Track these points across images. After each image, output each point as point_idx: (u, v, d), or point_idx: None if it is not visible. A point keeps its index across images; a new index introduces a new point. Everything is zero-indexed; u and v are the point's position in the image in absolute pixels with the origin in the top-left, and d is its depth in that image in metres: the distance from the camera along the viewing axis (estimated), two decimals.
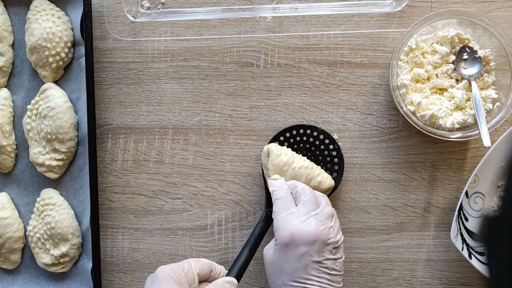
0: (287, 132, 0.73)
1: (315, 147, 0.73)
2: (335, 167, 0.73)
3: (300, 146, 0.73)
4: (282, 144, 0.73)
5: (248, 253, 0.69)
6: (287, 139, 0.73)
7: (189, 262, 0.64)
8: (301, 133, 0.73)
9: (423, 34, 0.72)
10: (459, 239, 0.70)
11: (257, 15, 0.75)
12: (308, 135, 0.73)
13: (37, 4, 0.76)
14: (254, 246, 0.70)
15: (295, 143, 0.73)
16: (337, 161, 0.73)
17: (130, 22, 0.77)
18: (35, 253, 0.77)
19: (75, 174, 0.77)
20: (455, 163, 0.74)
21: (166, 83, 0.77)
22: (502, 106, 0.69)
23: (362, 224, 0.75)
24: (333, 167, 0.73)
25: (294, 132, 0.73)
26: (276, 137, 0.73)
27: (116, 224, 0.78)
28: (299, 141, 0.73)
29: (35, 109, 0.76)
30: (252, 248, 0.69)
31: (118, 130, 0.78)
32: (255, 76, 0.76)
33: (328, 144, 0.73)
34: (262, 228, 0.71)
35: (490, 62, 0.71)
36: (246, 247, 0.69)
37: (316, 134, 0.73)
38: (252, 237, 0.70)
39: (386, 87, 0.75)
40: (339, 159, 0.73)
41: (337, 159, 0.73)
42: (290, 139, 0.73)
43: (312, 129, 0.73)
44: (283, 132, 0.73)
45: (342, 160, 0.73)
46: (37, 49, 0.75)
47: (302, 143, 0.73)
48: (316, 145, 0.73)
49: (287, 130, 0.73)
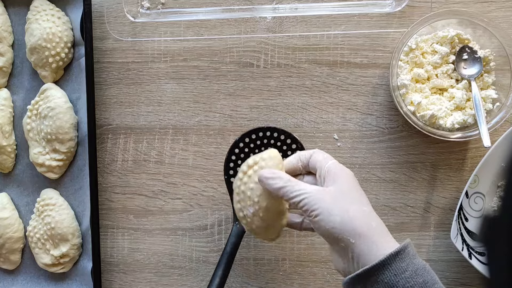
0: (247, 137, 0.68)
1: (283, 152, 0.68)
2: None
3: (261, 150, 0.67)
4: (243, 149, 0.68)
5: (222, 275, 0.66)
6: (246, 144, 0.68)
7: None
8: (260, 136, 0.68)
9: (423, 34, 0.72)
10: (459, 239, 0.70)
11: (257, 15, 0.75)
12: (268, 137, 0.68)
13: (37, 4, 0.76)
14: (227, 266, 0.67)
15: (255, 147, 0.68)
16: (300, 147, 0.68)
17: (130, 22, 0.77)
18: (35, 254, 0.77)
19: (75, 175, 0.77)
20: (455, 163, 0.74)
21: (166, 83, 0.77)
22: (502, 106, 0.69)
23: None
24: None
25: (254, 137, 0.68)
26: (236, 143, 0.68)
27: (116, 224, 0.78)
28: (260, 144, 0.68)
29: (35, 110, 0.76)
30: (225, 268, 0.66)
31: (118, 130, 0.78)
32: (255, 76, 0.76)
33: (291, 143, 0.68)
34: (234, 245, 0.68)
35: (490, 62, 0.71)
36: (219, 269, 0.66)
37: (277, 135, 0.68)
38: (224, 257, 0.67)
39: (386, 87, 0.75)
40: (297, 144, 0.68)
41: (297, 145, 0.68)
42: (250, 144, 0.68)
43: (271, 131, 0.68)
44: (243, 137, 0.68)
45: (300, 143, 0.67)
46: (37, 49, 0.75)
47: (263, 146, 0.68)
48: (278, 147, 0.68)
49: (246, 135, 0.68)
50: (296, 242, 0.75)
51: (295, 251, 0.75)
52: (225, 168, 0.69)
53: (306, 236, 0.75)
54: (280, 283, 0.75)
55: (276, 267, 0.75)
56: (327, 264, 0.75)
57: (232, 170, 0.69)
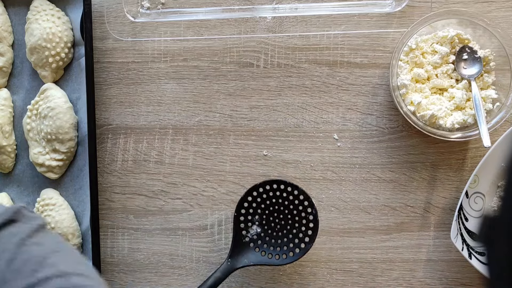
0: (267, 184, 0.70)
1: (293, 206, 0.70)
2: (309, 232, 0.69)
3: (278, 201, 0.70)
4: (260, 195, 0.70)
5: None
6: (266, 191, 0.70)
7: None
8: (281, 189, 0.70)
9: (423, 34, 0.72)
10: (459, 239, 0.70)
11: (257, 15, 0.75)
12: (289, 193, 0.70)
13: (37, 4, 0.76)
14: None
15: (274, 197, 0.70)
16: (312, 226, 0.69)
17: (130, 22, 0.77)
18: None
19: (75, 174, 0.77)
20: (455, 163, 0.74)
21: (166, 83, 0.77)
22: (502, 106, 0.69)
23: (362, 224, 0.75)
24: (306, 231, 0.70)
25: (275, 186, 0.70)
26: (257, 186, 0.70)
27: (116, 224, 0.78)
28: (279, 196, 0.70)
29: (35, 110, 0.76)
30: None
31: (118, 130, 0.78)
32: (255, 76, 0.76)
33: (307, 206, 0.69)
34: (218, 280, 0.68)
35: (490, 62, 0.71)
36: None
37: (297, 193, 0.69)
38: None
39: (386, 87, 0.75)
40: (314, 224, 0.69)
41: (312, 224, 0.69)
42: (269, 192, 0.70)
43: (292, 187, 0.69)
44: (264, 184, 0.70)
45: (317, 226, 0.69)
46: (37, 49, 0.75)
47: (281, 199, 0.70)
48: (295, 205, 0.70)
49: (269, 182, 0.70)
50: None
51: None
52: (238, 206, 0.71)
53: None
54: (280, 283, 0.75)
55: (276, 267, 0.75)
56: (327, 264, 0.75)
57: (244, 209, 0.71)
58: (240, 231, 0.71)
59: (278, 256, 0.70)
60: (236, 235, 0.71)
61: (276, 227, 0.71)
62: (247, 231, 0.71)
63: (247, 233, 0.71)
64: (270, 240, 0.71)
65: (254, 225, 0.71)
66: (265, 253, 0.71)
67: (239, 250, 0.71)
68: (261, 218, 0.71)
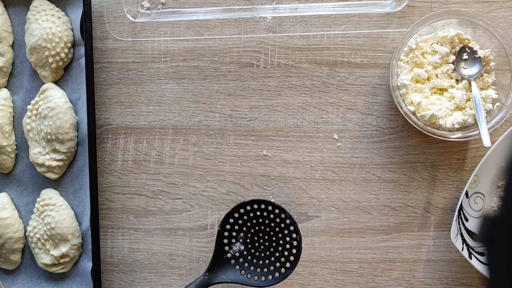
0: (255, 203, 0.70)
1: (279, 229, 0.70)
2: (291, 258, 0.69)
3: (264, 222, 0.70)
4: (246, 213, 0.70)
5: None
6: (253, 210, 0.70)
7: None
8: (269, 210, 0.70)
9: (423, 34, 0.72)
10: (459, 239, 0.70)
11: (257, 15, 0.75)
12: (276, 215, 0.69)
13: (37, 4, 0.76)
14: None
15: (261, 217, 0.70)
16: (295, 252, 0.69)
17: (130, 22, 0.77)
18: (35, 254, 0.77)
19: (75, 175, 0.77)
20: (455, 163, 0.74)
21: (166, 83, 0.77)
22: (502, 106, 0.69)
23: (362, 224, 0.75)
24: (289, 256, 0.69)
25: (263, 206, 0.70)
26: (245, 204, 0.70)
27: (116, 225, 0.78)
28: (265, 216, 0.70)
29: (35, 110, 0.76)
30: None
31: (118, 130, 0.78)
32: (255, 76, 0.76)
33: (292, 231, 0.69)
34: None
35: (490, 62, 0.71)
36: None
37: (284, 217, 0.69)
38: None
39: (386, 87, 0.75)
40: (297, 250, 0.69)
41: (295, 250, 0.69)
42: (257, 211, 0.70)
43: (280, 210, 0.69)
44: (242, 205, 0.70)
45: (299, 253, 0.69)
46: (37, 49, 0.75)
47: (267, 219, 0.70)
48: (281, 228, 0.70)
49: (257, 202, 0.70)
50: None
51: None
52: (223, 222, 0.70)
53: (306, 236, 0.75)
54: (281, 283, 0.75)
55: None
56: (327, 264, 0.75)
57: (230, 225, 0.71)
58: (223, 246, 0.71)
59: (257, 277, 0.70)
60: (218, 250, 0.71)
61: (260, 247, 0.71)
62: (229, 247, 0.71)
63: (230, 249, 0.71)
64: (251, 259, 0.71)
65: (237, 242, 0.71)
66: (245, 272, 0.70)
67: (219, 265, 0.70)
68: (246, 236, 0.71)
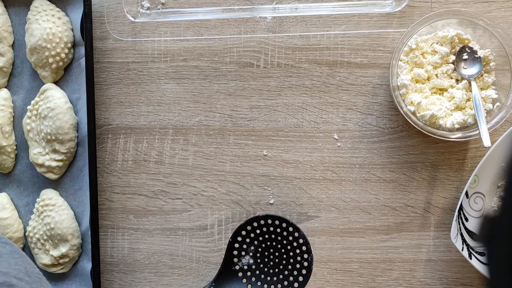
0: (270, 219, 0.70)
1: (291, 247, 0.70)
2: (299, 278, 0.69)
3: (277, 238, 0.70)
4: (259, 227, 0.70)
5: None
6: (267, 224, 0.70)
7: None
8: (283, 227, 0.69)
9: (423, 34, 0.72)
10: (459, 239, 0.70)
11: (257, 15, 0.75)
12: (289, 232, 0.69)
13: (37, 4, 0.76)
14: None
15: (273, 232, 0.70)
16: (304, 273, 0.69)
17: (130, 22, 0.77)
18: (35, 254, 0.77)
19: (75, 175, 0.77)
20: (455, 163, 0.74)
21: (166, 83, 0.77)
22: (502, 106, 0.69)
23: (362, 224, 0.75)
24: (298, 276, 0.69)
25: (269, 222, 0.70)
26: (259, 218, 0.70)
27: (116, 224, 0.78)
28: (279, 232, 0.70)
29: (35, 110, 0.76)
30: None
31: (118, 130, 0.78)
32: (255, 76, 0.76)
33: (304, 252, 0.69)
34: None
35: (490, 62, 0.71)
36: None
37: (298, 235, 0.69)
38: None
39: (386, 87, 0.75)
40: (307, 271, 0.69)
41: (305, 271, 0.69)
42: (270, 227, 0.70)
43: (294, 229, 0.69)
44: (256, 219, 0.70)
45: (309, 274, 0.68)
46: (37, 49, 0.75)
47: (280, 236, 0.70)
48: (293, 246, 0.69)
49: (271, 217, 0.70)
50: None
51: None
52: (235, 233, 0.70)
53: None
54: None
55: None
56: (327, 264, 0.75)
57: (241, 237, 0.70)
58: (232, 258, 0.70)
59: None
60: (227, 261, 0.70)
61: (269, 263, 0.70)
62: (239, 260, 0.71)
63: (238, 262, 0.71)
64: (259, 274, 0.70)
65: (247, 255, 0.71)
66: (252, 286, 0.70)
67: (226, 277, 0.70)
68: (256, 250, 0.70)
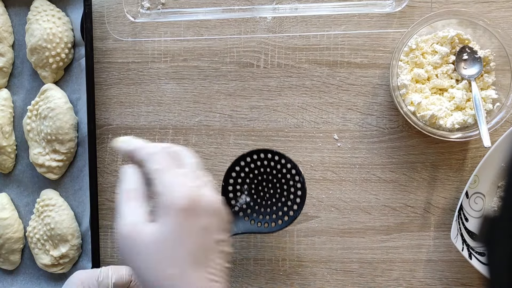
0: (255, 154, 0.70)
1: (281, 175, 0.70)
2: (297, 200, 0.70)
3: (266, 170, 0.71)
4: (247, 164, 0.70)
5: None
6: (253, 160, 0.70)
7: (107, 270, 0.61)
8: (269, 158, 0.70)
9: (423, 35, 0.72)
10: (459, 240, 0.70)
11: (257, 15, 0.75)
12: (276, 161, 0.70)
13: (38, 4, 0.76)
14: None
15: (261, 166, 0.70)
16: (300, 194, 0.70)
17: (130, 22, 0.77)
18: (35, 254, 0.77)
19: (75, 175, 0.77)
20: (455, 163, 0.74)
21: (166, 83, 0.77)
22: (502, 107, 0.69)
23: (362, 224, 0.75)
24: (295, 198, 0.70)
25: (262, 156, 0.70)
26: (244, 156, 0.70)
27: None
28: (266, 165, 0.70)
29: (35, 110, 0.76)
30: None
31: (118, 130, 0.78)
32: (255, 76, 0.76)
33: (294, 174, 0.70)
34: None
35: (490, 62, 0.71)
36: None
37: (284, 162, 0.70)
38: None
39: (386, 87, 0.75)
40: (302, 191, 0.69)
41: (300, 191, 0.70)
42: (257, 161, 0.70)
43: (280, 157, 0.70)
44: (251, 154, 0.70)
45: (304, 193, 0.69)
46: (37, 49, 0.75)
47: (268, 168, 0.70)
48: (283, 173, 0.70)
49: (255, 152, 0.70)
50: (296, 242, 0.75)
51: (295, 251, 0.75)
52: (226, 176, 0.70)
53: (306, 236, 0.75)
54: (280, 283, 0.75)
55: (276, 267, 0.75)
56: (327, 264, 0.75)
57: (233, 179, 0.71)
58: (229, 200, 0.71)
59: (267, 224, 0.70)
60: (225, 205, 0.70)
61: (265, 196, 0.71)
62: (236, 201, 0.71)
63: (236, 203, 0.71)
64: (259, 209, 0.71)
65: (243, 194, 0.71)
66: (254, 221, 0.71)
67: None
68: (250, 187, 0.71)
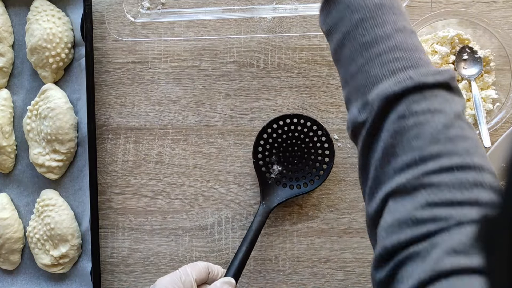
0: (274, 123, 0.73)
1: (304, 135, 0.73)
2: (326, 152, 0.73)
3: (289, 136, 0.74)
4: (270, 136, 0.74)
5: (246, 251, 0.69)
6: (274, 130, 0.73)
7: (186, 269, 0.63)
8: (287, 123, 0.73)
9: (423, 35, 0.72)
10: None
11: (257, 15, 0.75)
12: (295, 124, 0.73)
13: (38, 4, 0.76)
14: (251, 243, 0.70)
15: (284, 133, 0.74)
16: (327, 146, 0.73)
17: (130, 22, 0.77)
18: (35, 254, 0.77)
19: (75, 175, 0.77)
20: None
21: (166, 83, 0.77)
22: (502, 107, 0.69)
23: (362, 224, 0.75)
24: (324, 152, 0.73)
25: (281, 123, 0.73)
26: (264, 130, 0.74)
27: (116, 225, 0.78)
28: (287, 130, 0.74)
29: (35, 110, 0.76)
30: (249, 245, 0.69)
31: (118, 130, 0.78)
32: (255, 76, 0.76)
33: (316, 130, 0.73)
34: (260, 223, 0.71)
35: (490, 62, 0.71)
36: (244, 245, 0.69)
37: (303, 121, 0.73)
38: (250, 234, 0.70)
39: None
40: (329, 143, 0.73)
41: (327, 144, 0.73)
42: (278, 130, 0.73)
43: (298, 118, 0.73)
44: (271, 124, 0.73)
45: (332, 144, 0.73)
46: (37, 49, 0.75)
47: (290, 132, 0.74)
48: (305, 133, 0.73)
49: (274, 121, 0.73)
50: (296, 242, 0.75)
51: (295, 251, 0.75)
52: (254, 152, 0.74)
53: (306, 237, 0.75)
54: (280, 283, 0.75)
55: (276, 267, 0.75)
56: (327, 264, 0.75)
57: (260, 154, 0.74)
58: (263, 174, 0.74)
59: (306, 185, 0.74)
60: (261, 179, 0.74)
61: (294, 160, 0.74)
62: (269, 173, 0.74)
63: (270, 174, 0.74)
64: (292, 174, 0.74)
65: (274, 165, 0.74)
66: (293, 186, 0.74)
67: (268, 191, 0.74)
68: (278, 156, 0.74)
